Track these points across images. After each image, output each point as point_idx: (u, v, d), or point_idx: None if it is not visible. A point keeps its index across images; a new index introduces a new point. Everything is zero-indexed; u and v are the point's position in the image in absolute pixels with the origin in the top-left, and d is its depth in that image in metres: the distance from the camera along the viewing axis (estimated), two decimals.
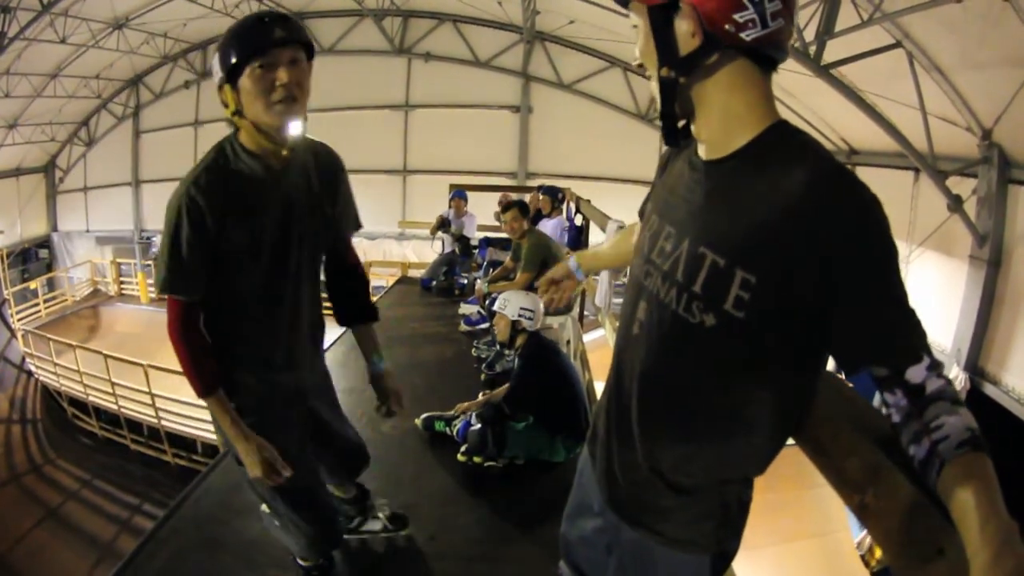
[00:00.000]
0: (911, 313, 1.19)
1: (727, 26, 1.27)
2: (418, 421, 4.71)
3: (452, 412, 4.70)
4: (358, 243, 14.32)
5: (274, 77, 2.11)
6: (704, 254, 1.33)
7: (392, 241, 19.41)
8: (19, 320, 18.58)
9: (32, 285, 20.90)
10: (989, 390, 8.45)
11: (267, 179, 2.32)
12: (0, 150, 20.52)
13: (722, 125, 1.37)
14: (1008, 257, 8.42)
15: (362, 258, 13.12)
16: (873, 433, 1.36)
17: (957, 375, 8.65)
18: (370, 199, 18.93)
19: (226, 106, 2.26)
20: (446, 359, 6.69)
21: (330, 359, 5.81)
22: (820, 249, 1.17)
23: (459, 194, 10.33)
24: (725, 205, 1.35)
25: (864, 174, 11.69)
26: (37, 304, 20.13)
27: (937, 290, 9.71)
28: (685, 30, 1.30)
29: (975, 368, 8.68)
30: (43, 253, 24.07)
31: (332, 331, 6.37)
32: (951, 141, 8.73)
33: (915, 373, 1.16)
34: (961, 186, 8.57)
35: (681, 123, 1.46)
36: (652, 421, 1.52)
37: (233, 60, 2.12)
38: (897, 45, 8.08)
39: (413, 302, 9.34)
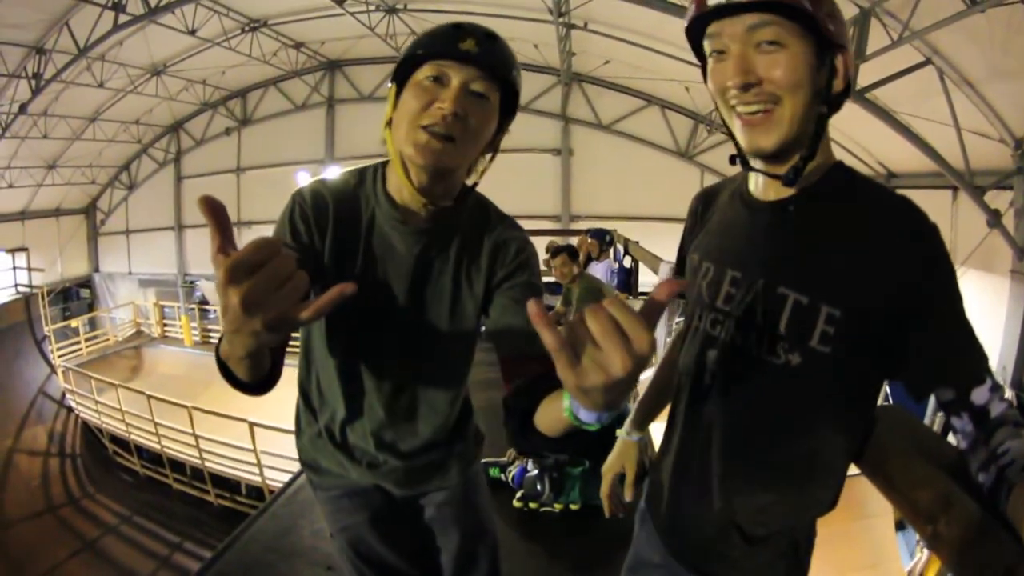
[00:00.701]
0: (974, 335, 1.22)
1: (852, 74, 1.37)
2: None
3: (507, 458, 4.60)
4: None
5: (437, 96, 1.48)
6: (785, 294, 1.30)
7: None
8: (60, 357, 18.58)
9: (73, 323, 20.98)
10: None
11: (392, 225, 1.68)
12: (40, 190, 20.96)
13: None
14: None
15: None
16: (941, 461, 1.36)
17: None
18: None
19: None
20: (499, 405, 6.51)
21: None
22: (897, 277, 1.19)
23: None
24: (800, 243, 1.34)
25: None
26: (78, 342, 20.20)
27: (980, 308, 9.33)
28: (831, 74, 1.28)
29: (1020, 384, 8.47)
30: (84, 292, 24.48)
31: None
32: (985, 154, 8.62)
33: (979, 395, 1.18)
34: (998, 200, 8.46)
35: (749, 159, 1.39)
36: (733, 472, 1.45)
37: (406, 54, 1.59)
38: (927, 63, 8.00)
39: None
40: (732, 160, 1.43)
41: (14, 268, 20.95)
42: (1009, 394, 8.27)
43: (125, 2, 10.66)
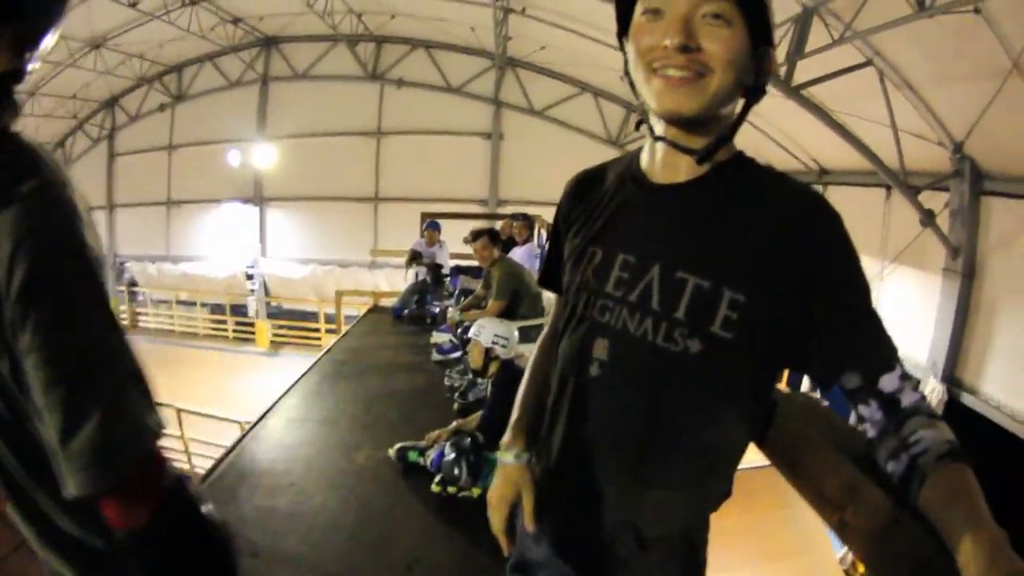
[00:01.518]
0: (881, 323, 1.20)
1: (771, 73, 1.32)
2: (391, 451, 4.50)
3: (425, 442, 4.53)
4: (330, 272, 14.07)
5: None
6: (684, 278, 1.26)
7: (364, 270, 19.04)
8: None
9: None
10: (967, 399, 8.41)
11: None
12: None
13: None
14: (981, 268, 8.40)
15: (334, 287, 12.82)
16: (850, 450, 1.33)
17: (934, 387, 8.62)
18: (342, 227, 18.98)
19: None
20: (419, 388, 6.52)
21: (302, 390, 6.08)
22: (802, 263, 1.19)
23: (432, 224, 10.19)
24: (701, 226, 1.30)
25: (835, 193, 11.92)
26: None
27: (911, 304, 9.73)
28: (764, 68, 1.29)
29: (952, 379, 8.65)
30: None
31: (301, 363, 6.29)
32: (923, 156, 8.72)
33: (888, 382, 1.16)
34: (933, 200, 8.56)
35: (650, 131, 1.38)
36: (628, 469, 1.36)
37: None
38: (868, 63, 7.99)
39: (385, 331, 9.12)
40: (637, 126, 1.41)
41: None
42: (938, 387, 8.60)
43: None
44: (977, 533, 0.95)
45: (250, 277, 19.41)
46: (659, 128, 1.33)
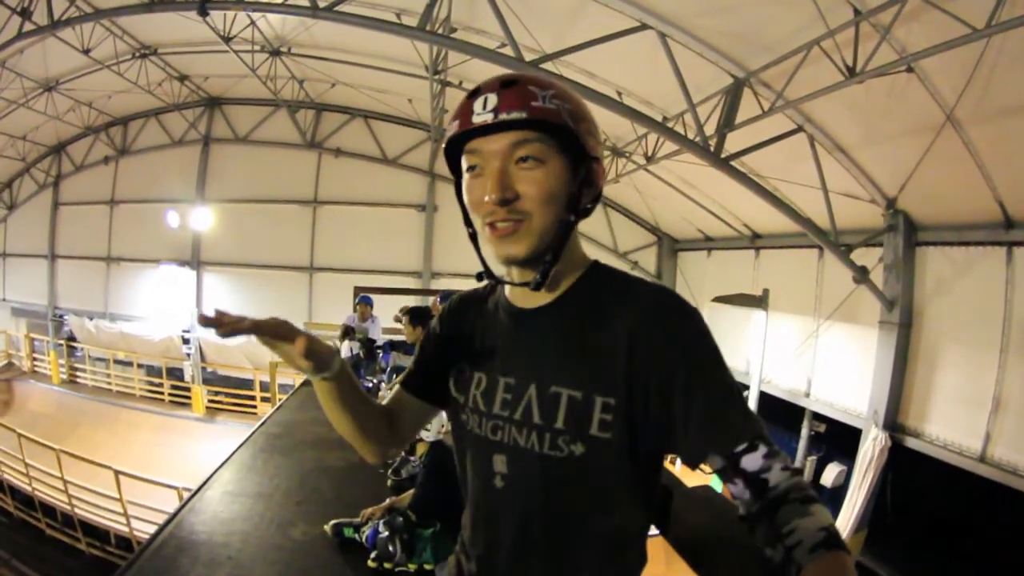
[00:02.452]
0: (741, 405, 1.24)
1: (603, 184, 1.41)
2: (327, 527, 4.39)
3: (360, 519, 4.44)
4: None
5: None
6: (558, 393, 1.33)
7: None
8: None
9: None
10: (911, 443, 8.60)
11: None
12: None
13: (562, 269, 1.40)
14: (919, 315, 8.66)
15: (269, 356, 12.32)
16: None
17: (877, 435, 8.78)
18: (278, 295, 18.53)
19: None
20: (353, 464, 6.26)
21: (238, 462, 5.90)
22: (659, 360, 1.25)
23: (364, 299, 10.07)
24: (565, 343, 1.37)
25: (769, 256, 12.22)
26: None
27: (849, 358, 9.97)
28: (584, 186, 1.35)
29: (895, 425, 8.81)
30: None
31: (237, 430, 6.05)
32: (855, 214, 8.96)
33: (750, 462, 1.19)
34: (867, 256, 8.79)
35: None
36: (545, 559, 1.42)
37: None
38: (798, 130, 8.21)
39: (318, 405, 8.70)
40: (479, 276, 1.50)
41: None
42: (880, 435, 8.75)
43: (32, 9, 10.21)
44: None
45: (186, 341, 18.83)
46: (502, 270, 1.43)
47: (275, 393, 11.45)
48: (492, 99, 1.28)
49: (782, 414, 11.47)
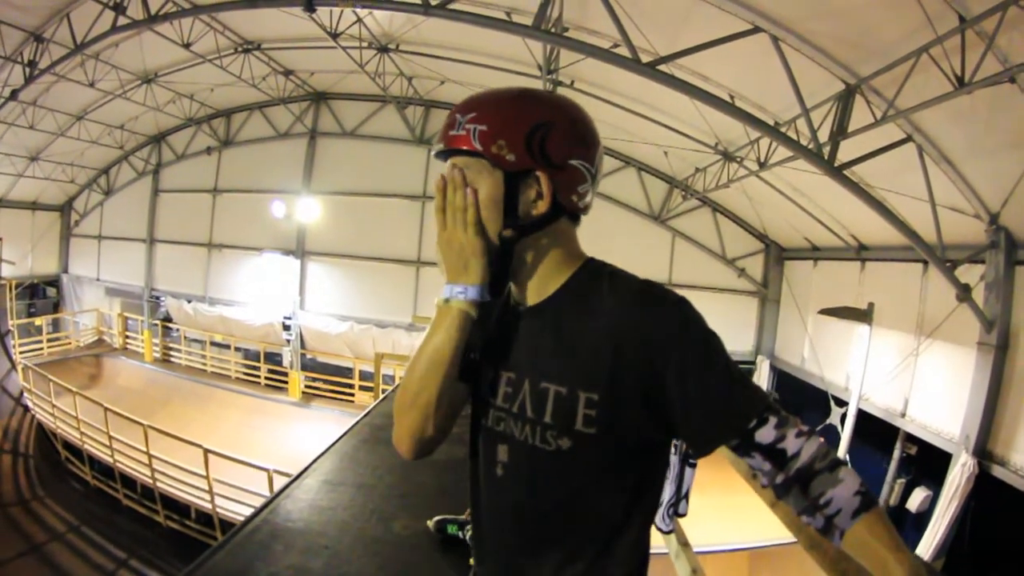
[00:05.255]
0: (742, 382, 1.39)
1: (573, 197, 1.52)
2: (430, 523, 4.36)
3: (464, 516, 4.43)
4: (367, 331, 13.92)
5: None
6: (546, 388, 1.48)
7: (402, 331, 18.96)
8: (21, 354, 18.59)
9: (37, 322, 21.09)
10: (997, 472, 8.49)
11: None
12: (20, 181, 21.01)
13: (545, 273, 1.56)
14: (1016, 339, 8.54)
15: (370, 346, 12.74)
16: None
17: (966, 461, 8.67)
18: (382, 288, 18.93)
19: None
20: (458, 459, 6.19)
21: (340, 452, 5.84)
22: (643, 352, 1.36)
23: None
24: (554, 341, 1.50)
25: (874, 269, 12.08)
26: (40, 341, 20.29)
27: (946, 380, 9.80)
28: (531, 197, 1.49)
29: (983, 452, 8.71)
30: (51, 292, 24.38)
31: (348, 425, 6.28)
32: (959, 229, 8.89)
33: (764, 434, 1.36)
34: (969, 274, 8.75)
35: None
36: (535, 549, 1.58)
37: None
38: (907, 140, 8.21)
39: None
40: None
41: None
42: (969, 461, 8.62)
43: (126, 4, 10.66)
44: (899, 564, 1.22)
45: (287, 328, 19.64)
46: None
47: (379, 384, 11.69)
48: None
49: (876, 433, 11.46)
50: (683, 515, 3.95)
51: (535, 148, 1.45)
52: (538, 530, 1.56)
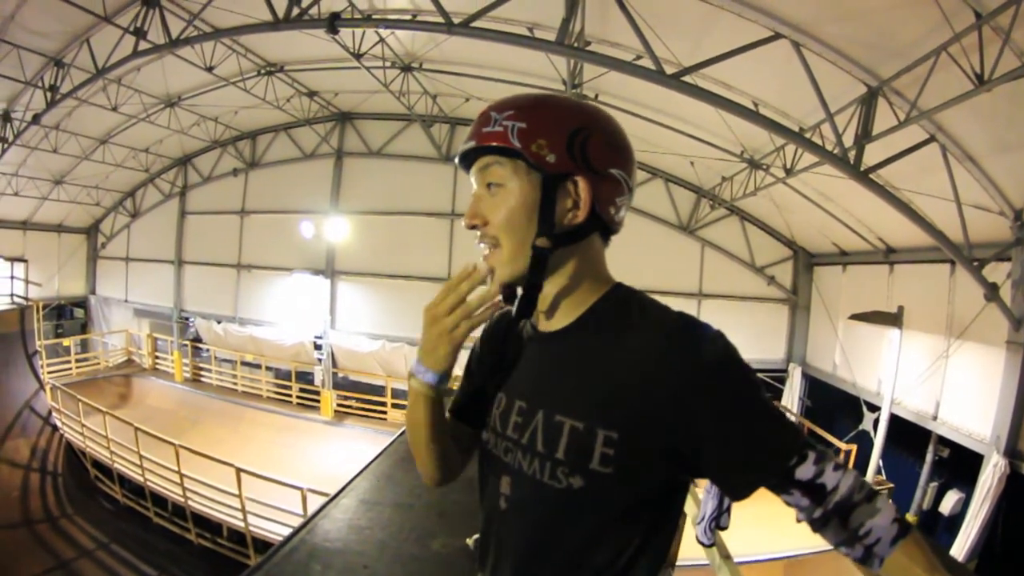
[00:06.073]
0: (778, 419, 1.32)
1: (611, 208, 1.48)
2: (469, 541, 4.54)
3: None
4: (398, 348, 13.98)
5: None
6: (562, 422, 1.40)
7: None
8: (49, 374, 18.89)
9: (65, 342, 21.44)
10: None
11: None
12: (44, 203, 21.50)
13: (569, 295, 1.50)
14: None
15: (402, 364, 12.77)
16: None
17: (997, 461, 8.71)
18: (413, 306, 18.56)
19: None
20: None
21: (376, 472, 6.01)
22: (676, 391, 1.29)
23: None
24: (574, 371, 1.44)
25: (902, 272, 12.11)
26: (69, 361, 20.62)
27: (976, 381, 9.84)
28: (568, 205, 1.44)
29: (1014, 452, 8.74)
30: (79, 312, 24.85)
31: (381, 443, 6.28)
32: (984, 227, 8.98)
33: (804, 471, 1.29)
34: (996, 272, 8.82)
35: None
36: None
37: None
38: (931, 140, 8.33)
39: None
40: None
41: (12, 277, 21.23)
42: (1001, 461, 8.68)
43: (147, 29, 10.91)
44: None
45: (318, 347, 20.00)
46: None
47: None
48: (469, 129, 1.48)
49: (908, 437, 11.52)
50: (724, 528, 3.97)
51: (576, 151, 1.40)
52: (540, 570, 1.50)
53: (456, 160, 1.56)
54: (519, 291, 1.49)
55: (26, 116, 14.71)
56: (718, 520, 3.91)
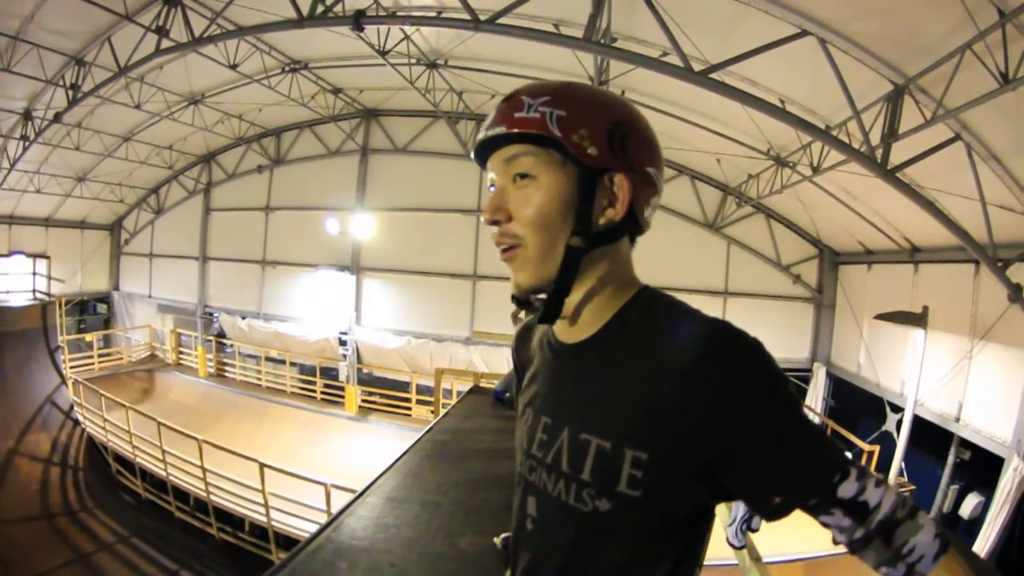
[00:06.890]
0: (817, 436, 1.22)
1: (646, 209, 1.37)
2: (497, 540, 4.37)
3: None
4: (424, 344, 15.91)
5: None
6: (588, 440, 1.31)
7: (459, 345, 19.33)
8: (71, 369, 19.15)
9: (88, 337, 21.75)
10: None
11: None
12: (67, 201, 21.84)
13: (596, 300, 1.39)
14: None
15: (427, 360, 12.46)
16: None
17: (1017, 465, 8.76)
18: (439, 302, 19.15)
19: None
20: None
21: (403, 469, 5.94)
22: (711, 407, 1.18)
23: None
24: (600, 385, 1.33)
25: (927, 271, 12.16)
26: (91, 356, 20.88)
27: (999, 383, 9.85)
28: (604, 203, 1.32)
29: None
30: (101, 308, 25.27)
31: (406, 439, 6.29)
32: (1009, 227, 8.99)
33: (846, 489, 1.19)
34: (1020, 273, 8.81)
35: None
36: None
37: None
38: (956, 139, 8.38)
39: (486, 414, 8.78)
40: (513, 299, 1.47)
41: (34, 273, 21.68)
42: (1020, 466, 8.78)
43: (169, 27, 11.04)
44: None
45: (343, 343, 20.26)
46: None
47: (439, 399, 11.73)
48: (492, 114, 1.34)
49: (930, 439, 11.57)
50: (756, 530, 3.93)
51: (616, 145, 1.30)
52: None
53: (474, 147, 1.41)
54: (534, 298, 1.42)
55: (47, 114, 14.94)
56: (749, 522, 3.85)
